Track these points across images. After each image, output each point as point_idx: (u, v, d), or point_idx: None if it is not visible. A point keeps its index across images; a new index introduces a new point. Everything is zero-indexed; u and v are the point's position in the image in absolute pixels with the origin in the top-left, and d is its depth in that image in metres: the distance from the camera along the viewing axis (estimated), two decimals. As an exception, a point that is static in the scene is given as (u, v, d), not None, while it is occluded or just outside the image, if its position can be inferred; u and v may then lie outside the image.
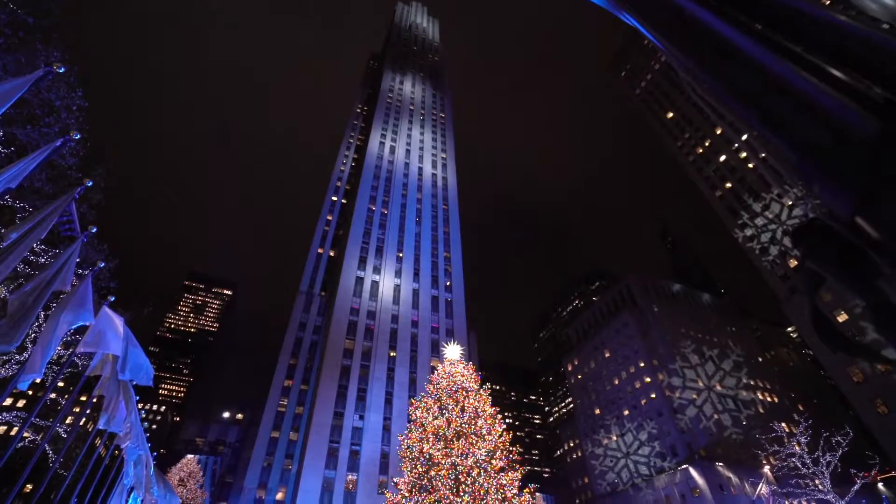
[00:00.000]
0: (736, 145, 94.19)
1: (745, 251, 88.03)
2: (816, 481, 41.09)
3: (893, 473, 59.88)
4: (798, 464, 42.19)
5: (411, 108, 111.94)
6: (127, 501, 15.33)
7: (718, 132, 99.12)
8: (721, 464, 70.51)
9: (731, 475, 69.42)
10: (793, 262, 78.44)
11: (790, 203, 78.00)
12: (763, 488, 62.96)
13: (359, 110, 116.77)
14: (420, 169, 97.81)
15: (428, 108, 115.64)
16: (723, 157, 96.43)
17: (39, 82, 7.16)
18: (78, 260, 9.42)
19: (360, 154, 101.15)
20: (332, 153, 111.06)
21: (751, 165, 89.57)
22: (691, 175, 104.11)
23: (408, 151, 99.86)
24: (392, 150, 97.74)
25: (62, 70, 7.07)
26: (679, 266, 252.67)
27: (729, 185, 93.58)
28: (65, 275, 6.94)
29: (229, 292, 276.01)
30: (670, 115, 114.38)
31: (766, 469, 68.21)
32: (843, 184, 1.32)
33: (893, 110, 1.23)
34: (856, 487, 40.86)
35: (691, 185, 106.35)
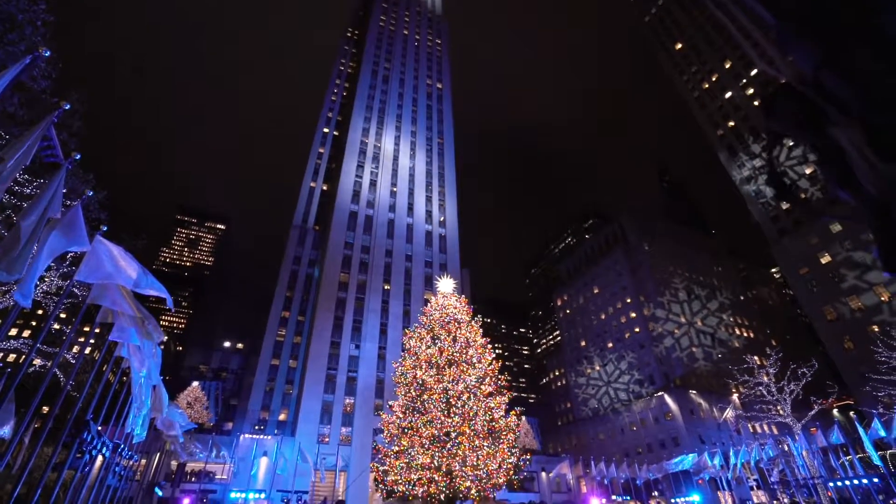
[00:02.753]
0: (744, 81, 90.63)
1: (741, 192, 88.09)
2: (778, 407, 44.60)
3: (849, 401, 64.99)
4: (764, 392, 45.49)
5: (405, 32, 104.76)
6: (137, 421, 16.36)
7: (727, 66, 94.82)
8: (694, 391, 75.82)
9: (701, 401, 74.95)
10: (785, 205, 78.92)
11: (790, 143, 76.74)
12: (729, 413, 68.31)
13: (349, 35, 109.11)
14: (414, 100, 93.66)
15: (423, 32, 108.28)
16: (728, 94, 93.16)
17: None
18: (65, 190, 9.23)
19: (351, 83, 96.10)
20: (324, 80, 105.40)
21: (756, 103, 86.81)
22: (694, 112, 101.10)
23: (402, 81, 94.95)
24: (385, 79, 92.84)
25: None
26: (673, 206, 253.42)
27: (731, 123, 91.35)
28: (55, 203, 6.86)
29: (222, 226, 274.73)
30: (679, 45, 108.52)
31: (735, 396, 73.55)
32: (811, 39, 1.45)
33: None
34: (812, 412, 44.46)
35: (693, 124, 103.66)
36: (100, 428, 15.56)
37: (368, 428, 54.79)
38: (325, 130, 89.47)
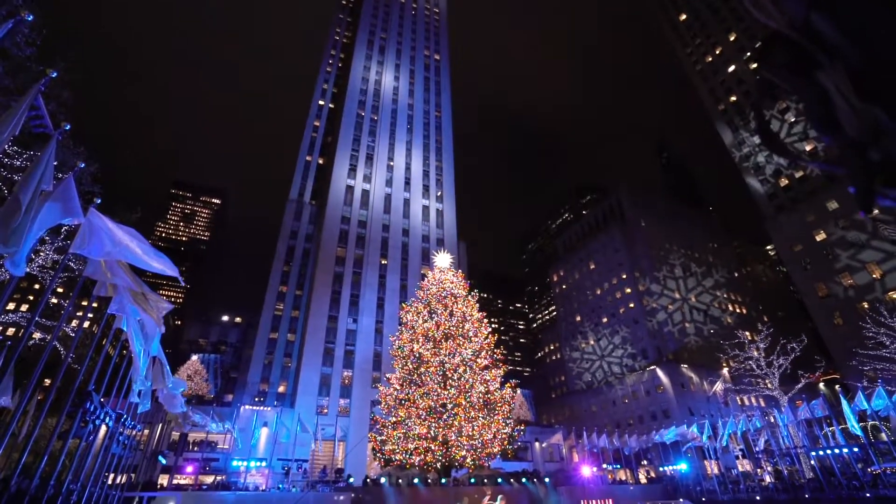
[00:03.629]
0: (748, 54, 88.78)
1: (740, 168, 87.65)
2: (766, 381, 45.78)
3: (835, 375, 66.66)
4: (753, 366, 46.57)
5: (402, 0, 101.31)
6: (136, 388, 16.62)
7: (732, 38, 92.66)
8: (685, 366, 77.48)
9: (692, 375, 76.69)
10: (784, 181, 78.73)
11: (792, 119, 75.97)
12: (718, 386, 70.02)
13: (344, 2, 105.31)
14: (412, 71, 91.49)
15: (421, 3, 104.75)
16: (731, 68, 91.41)
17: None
18: (56, 163, 9.11)
19: (346, 54, 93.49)
20: (318, 49, 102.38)
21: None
22: (697, 86, 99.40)
23: (398, 51, 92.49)
24: (381, 49, 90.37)
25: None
26: (670, 182, 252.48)
27: (733, 98, 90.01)
28: (47, 175, 6.77)
29: (218, 200, 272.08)
30: (683, 17, 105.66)
31: (725, 371, 75.24)
32: None
33: None
34: (799, 386, 45.71)
35: (694, 101, 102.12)
36: (102, 399, 15.82)
37: (366, 400, 55.96)
38: (321, 103, 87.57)
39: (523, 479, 29.28)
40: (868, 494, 24.42)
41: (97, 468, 16.37)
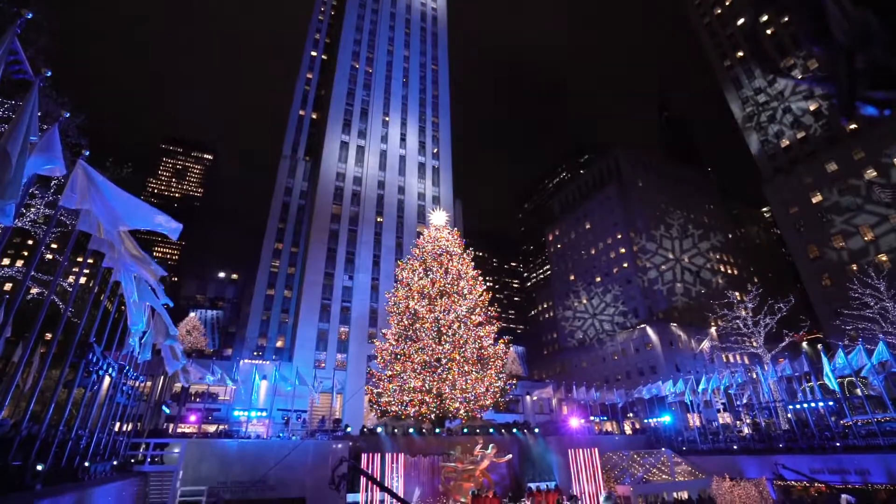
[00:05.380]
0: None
1: (741, 128, 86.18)
2: (752, 340, 47.26)
3: (818, 335, 68.87)
4: (741, 325, 47.90)
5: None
6: (135, 340, 16.91)
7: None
8: (675, 324, 79.56)
9: (681, 333, 78.93)
10: (785, 142, 77.73)
11: (799, 76, 73.84)
12: (705, 344, 72.27)
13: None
14: (407, 21, 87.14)
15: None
16: (741, 21, 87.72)
17: None
18: (39, 114, 8.79)
19: (339, 0, 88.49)
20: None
21: (769, 31, 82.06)
22: (703, 40, 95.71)
23: (394, 1, 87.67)
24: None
25: None
26: (670, 142, 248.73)
27: (740, 53, 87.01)
28: (33, 125, 6.55)
29: (210, 156, 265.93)
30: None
31: (713, 329, 77.41)
32: None
33: None
34: (782, 344, 47.26)
35: (697, 60, 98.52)
36: (104, 352, 16.13)
37: (362, 354, 57.48)
38: (313, 54, 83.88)
39: (514, 430, 30.70)
40: (838, 444, 25.90)
41: (103, 416, 16.96)
